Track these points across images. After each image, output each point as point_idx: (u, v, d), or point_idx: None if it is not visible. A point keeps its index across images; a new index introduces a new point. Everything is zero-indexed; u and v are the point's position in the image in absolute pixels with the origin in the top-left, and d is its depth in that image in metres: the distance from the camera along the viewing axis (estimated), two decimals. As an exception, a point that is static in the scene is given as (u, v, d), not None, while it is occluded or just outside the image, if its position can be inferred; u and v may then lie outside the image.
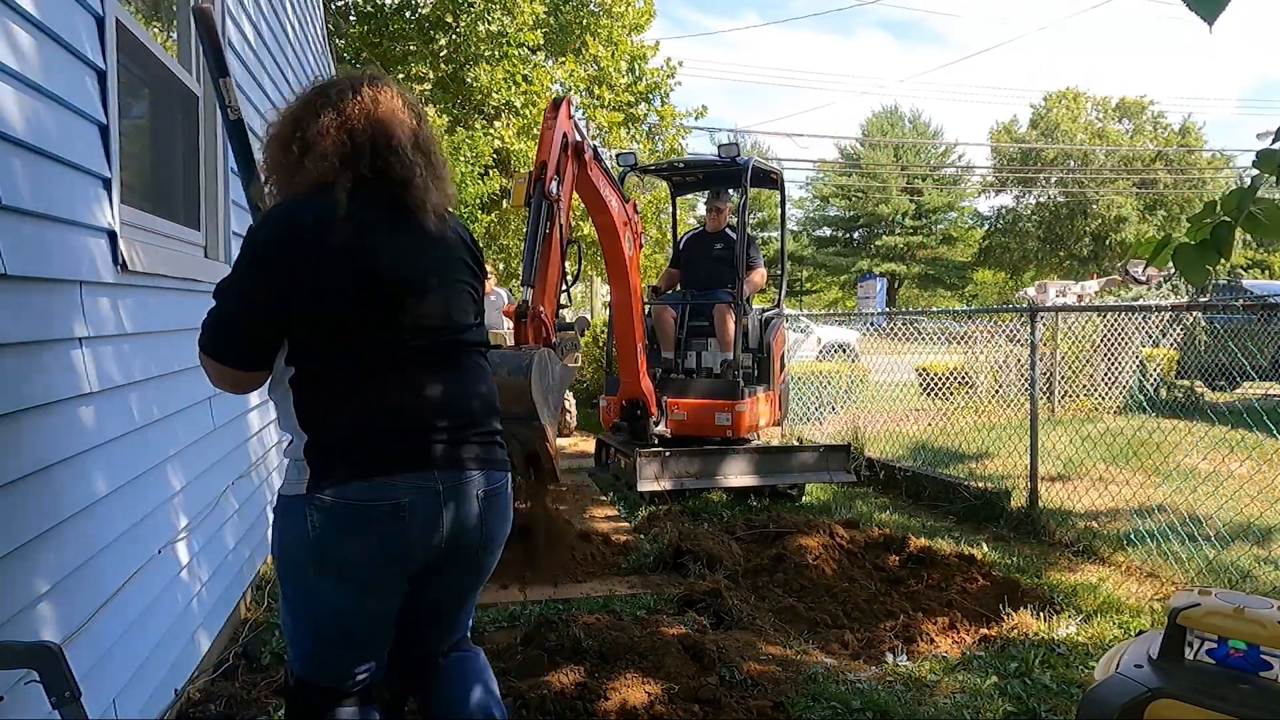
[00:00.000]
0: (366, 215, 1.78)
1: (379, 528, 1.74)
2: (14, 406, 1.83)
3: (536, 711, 2.89)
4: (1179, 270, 2.03)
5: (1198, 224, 2.01)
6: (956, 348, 10.74)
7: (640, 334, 6.28)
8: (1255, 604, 1.93)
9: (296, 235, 1.74)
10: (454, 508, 1.82)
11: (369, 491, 1.74)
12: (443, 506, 1.80)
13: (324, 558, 1.76)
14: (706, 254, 7.27)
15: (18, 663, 1.52)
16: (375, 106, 1.82)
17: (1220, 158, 43.05)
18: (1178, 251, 2.03)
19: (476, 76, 13.42)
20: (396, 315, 1.79)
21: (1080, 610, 4.03)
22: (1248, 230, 1.93)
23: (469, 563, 1.94)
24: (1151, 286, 12.86)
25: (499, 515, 1.95)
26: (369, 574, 1.79)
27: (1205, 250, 1.99)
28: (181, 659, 2.89)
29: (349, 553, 1.76)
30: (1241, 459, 6.45)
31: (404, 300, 1.80)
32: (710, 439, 6.59)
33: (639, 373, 6.30)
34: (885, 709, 3.03)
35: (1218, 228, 1.96)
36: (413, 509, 1.76)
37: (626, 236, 5.90)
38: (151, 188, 3.16)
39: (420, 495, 1.77)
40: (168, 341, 2.88)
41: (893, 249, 47.69)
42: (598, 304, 23.47)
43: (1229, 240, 1.94)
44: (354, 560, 1.77)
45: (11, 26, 1.87)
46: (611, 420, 6.83)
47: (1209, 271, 2.02)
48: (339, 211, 1.73)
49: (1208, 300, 10.08)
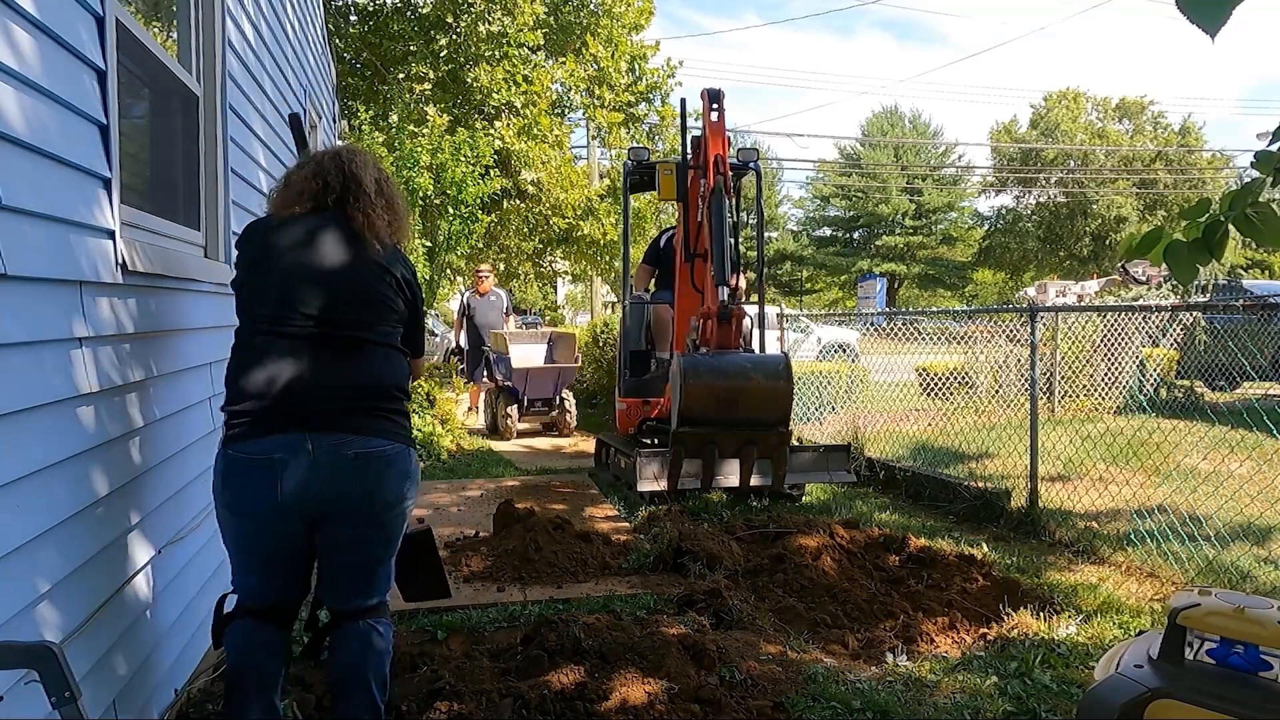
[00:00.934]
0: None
1: (259, 475, 2.25)
2: (14, 406, 1.83)
3: (536, 711, 2.89)
4: (1169, 267, 2.02)
5: (1191, 221, 1.99)
6: (956, 348, 10.73)
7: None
8: (1255, 604, 1.93)
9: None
10: (324, 464, 2.26)
11: (253, 447, 2.25)
12: (313, 462, 2.25)
13: (223, 496, 2.32)
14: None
15: (18, 663, 1.52)
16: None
17: (1220, 158, 43.05)
18: (1169, 248, 2.02)
19: (476, 76, 13.42)
20: (294, 306, 2.31)
21: (1080, 610, 4.03)
22: (1241, 232, 1.92)
23: (357, 514, 2.35)
24: (1151, 286, 12.86)
25: (376, 474, 2.34)
26: (252, 508, 2.29)
27: (1197, 249, 1.97)
28: (181, 659, 2.89)
29: (239, 493, 2.29)
30: (1241, 459, 6.45)
31: (302, 295, 2.32)
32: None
33: None
34: (885, 709, 3.03)
35: (1210, 227, 1.95)
36: (284, 463, 2.24)
37: None
38: (151, 188, 3.16)
39: (293, 453, 2.24)
40: (168, 342, 2.88)
41: (893, 249, 47.69)
42: (597, 304, 23.45)
43: (1221, 240, 1.92)
44: (241, 498, 2.29)
45: (11, 26, 1.87)
46: (633, 423, 6.80)
47: (1197, 270, 2.01)
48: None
49: (1208, 300, 10.08)
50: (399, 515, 2.48)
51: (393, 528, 2.47)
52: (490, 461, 8.40)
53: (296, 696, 2.91)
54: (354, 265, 2.42)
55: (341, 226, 2.44)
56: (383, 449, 2.36)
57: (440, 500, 6.54)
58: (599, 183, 16.83)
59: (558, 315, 33.91)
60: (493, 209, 13.96)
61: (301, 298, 2.34)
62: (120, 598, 2.37)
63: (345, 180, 2.47)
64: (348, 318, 2.38)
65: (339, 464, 2.28)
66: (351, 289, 2.40)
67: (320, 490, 2.28)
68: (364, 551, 2.44)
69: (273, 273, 2.38)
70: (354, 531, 2.39)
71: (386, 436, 2.38)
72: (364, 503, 2.34)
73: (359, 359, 2.39)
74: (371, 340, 2.42)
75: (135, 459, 2.55)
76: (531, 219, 15.04)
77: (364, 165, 2.55)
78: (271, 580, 2.42)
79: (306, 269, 2.38)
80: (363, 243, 2.44)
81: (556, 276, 24.61)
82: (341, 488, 2.30)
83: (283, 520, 2.31)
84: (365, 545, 2.43)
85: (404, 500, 2.47)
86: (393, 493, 2.41)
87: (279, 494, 2.25)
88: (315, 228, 2.43)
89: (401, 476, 2.43)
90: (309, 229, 2.42)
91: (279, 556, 2.39)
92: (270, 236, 2.44)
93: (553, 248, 16.55)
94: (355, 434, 2.31)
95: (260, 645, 2.43)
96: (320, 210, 2.45)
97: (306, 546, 2.41)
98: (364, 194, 2.47)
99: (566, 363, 10.36)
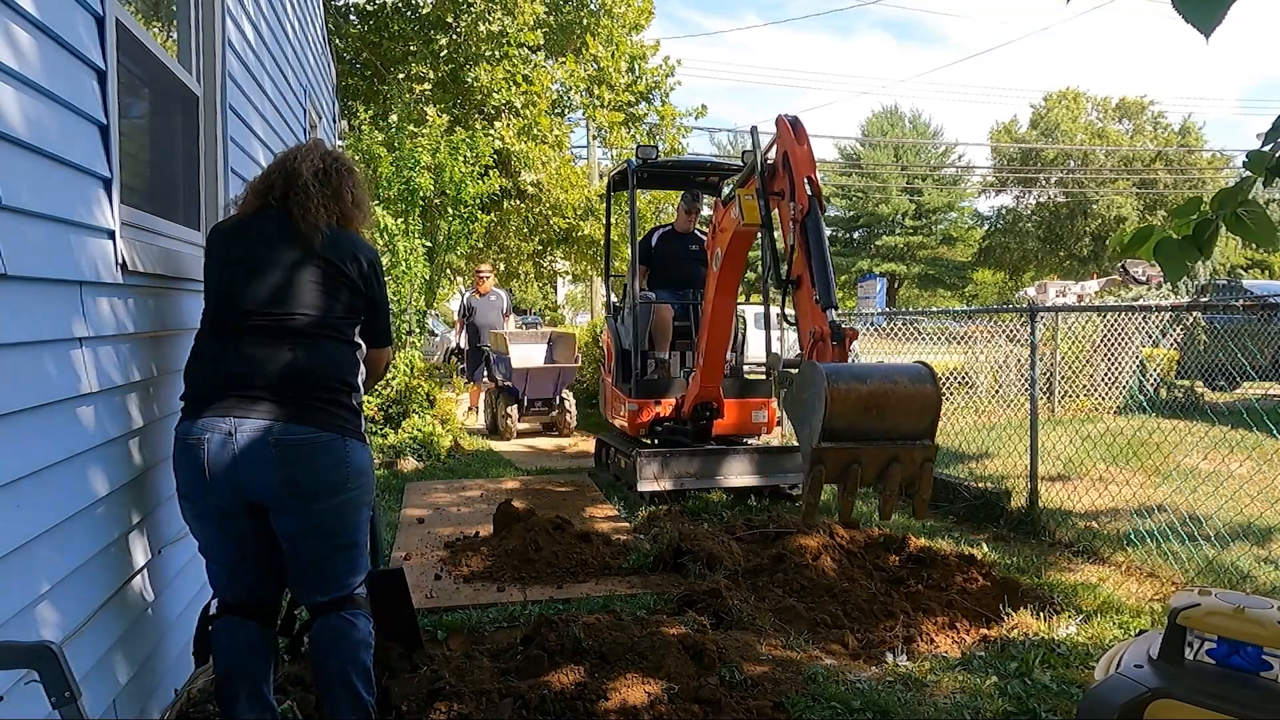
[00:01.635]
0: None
1: (190, 455, 2.33)
2: (14, 406, 1.83)
3: (536, 711, 2.89)
4: (1159, 264, 2.02)
5: (1182, 219, 2.00)
6: (956, 348, 10.73)
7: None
8: (1255, 604, 1.93)
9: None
10: (244, 448, 2.31)
11: (188, 428, 2.36)
12: (233, 445, 2.31)
13: (176, 478, 2.41)
14: (681, 254, 7.23)
15: (18, 663, 1.52)
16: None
17: (1220, 158, 43.02)
18: (1159, 245, 2.02)
19: (476, 76, 13.42)
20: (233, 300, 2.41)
21: (1080, 610, 4.03)
22: (1232, 231, 1.92)
23: (290, 505, 2.37)
24: (1151, 286, 12.86)
25: (300, 462, 2.35)
26: (189, 490, 2.39)
27: (1186, 246, 1.98)
28: (181, 659, 2.89)
29: (179, 473, 2.39)
30: (1241, 459, 6.45)
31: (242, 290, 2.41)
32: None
33: (720, 377, 6.41)
34: (885, 709, 3.03)
35: (1200, 225, 1.95)
36: (209, 444, 2.31)
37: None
38: (151, 188, 3.16)
39: (215, 434, 2.32)
40: (168, 342, 2.88)
41: (893, 249, 47.67)
42: (597, 304, 23.44)
43: (1211, 238, 1.93)
44: (181, 479, 2.39)
45: (11, 26, 1.87)
46: (643, 423, 6.82)
47: (1187, 267, 2.01)
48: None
49: (1208, 300, 10.07)
50: (339, 507, 2.43)
51: (335, 520, 2.44)
52: (490, 461, 8.40)
53: (296, 697, 2.91)
54: (290, 259, 2.45)
55: (282, 221, 2.49)
56: (308, 436, 2.36)
57: (440, 500, 6.54)
58: (599, 182, 16.82)
59: (558, 315, 33.89)
60: (493, 209, 13.95)
61: (241, 292, 2.41)
62: (120, 598, 2.37)
63: (286, 175, 2.53)
64: (283, 310, 2.42)
65: (260, 450, 2.31)
66: (286, 282, 2.44)
67: (244, 475, 2.32)
68: (311, 543, 2.45)
69: (216, 271, 2.49)
70: (295, 522, 2.40)
71: (314, 425, 2.38)
72: (291, 492, 2.35)
73: (292, 350, 2.41)
74: (308, 332, 2.44)
75: (135, 459, 2.55)
76: (531, 219, 15.03)
77: (304, 158, 2.57)
78: (238, 573, 2.48)
79: (244, 264, 2.45)
80: (302, 235, 2.47)
81: (556, 276, 24.60)
82: (264, 474, 2.32)
83: (218, 505, 2.36)
84: (310, 537, 2.44)
85: (342, 491, 2.42)
86: (324, 483, 2.39)
87: (205, 474, 2.31)
88: (257, 225, 2.51)
89: (336, 465, 2.40)
90: (251, 226, 2.51)
91: (232, 548, 2.44)
92: (220, 236, 2.56)
93: (553, 248, 16.54)
94: (278, 420, 2.34)
95: (244, 645, 2.47)
96: (264, 208, 2.53)
97: (261, 541, 2.44)
98: (301, 187, 2.49)
99: (566, 363, 10.36)
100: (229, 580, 2.48)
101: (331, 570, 2.49)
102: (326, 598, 2.48)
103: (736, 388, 6.75)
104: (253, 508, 2.39)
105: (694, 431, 6.64)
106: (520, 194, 14.39)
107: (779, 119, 4.71)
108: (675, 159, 9.11)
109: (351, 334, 2.57)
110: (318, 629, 2.49)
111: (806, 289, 4.32)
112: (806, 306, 4.33)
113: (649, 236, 7.48)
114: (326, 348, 2.47)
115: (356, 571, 2.56)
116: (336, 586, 2.50)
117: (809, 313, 4.30)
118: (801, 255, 4.37)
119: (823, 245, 4.32)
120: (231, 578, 2.48)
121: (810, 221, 4.35)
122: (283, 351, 2.40)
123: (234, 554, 2.45)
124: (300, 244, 2.47)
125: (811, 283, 4.27)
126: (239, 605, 2.48)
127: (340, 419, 2.45)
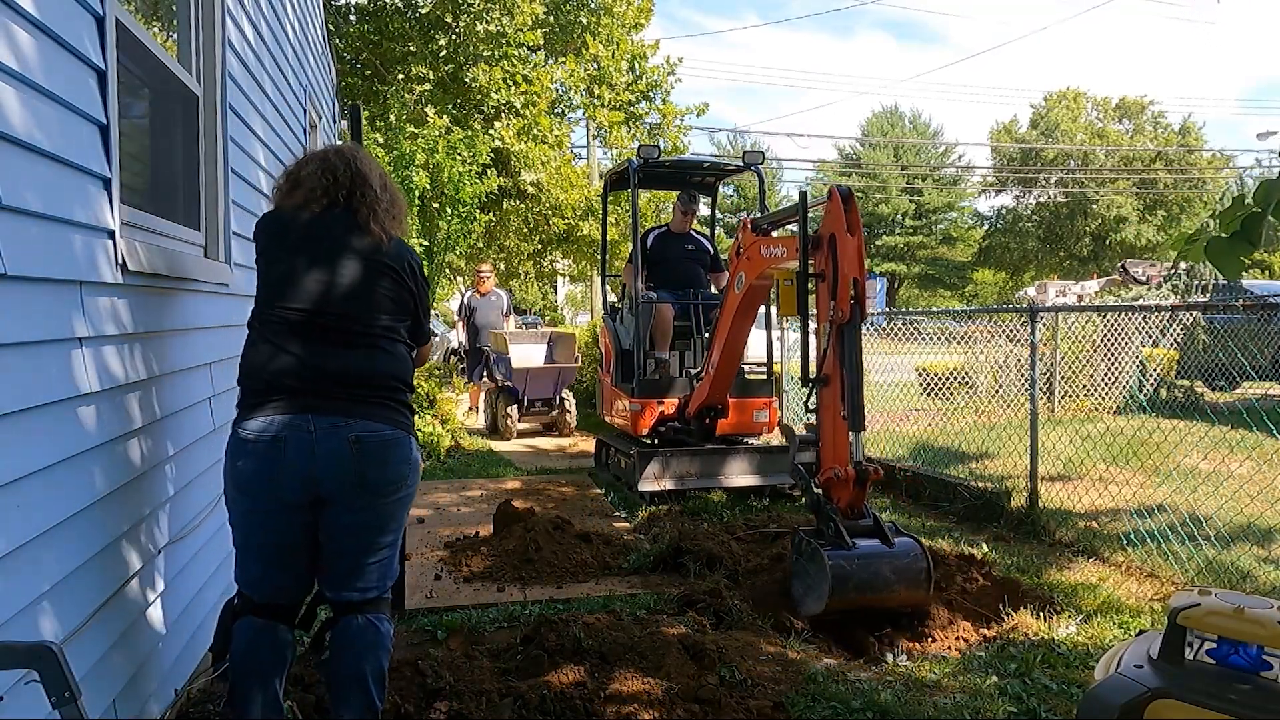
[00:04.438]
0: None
1: (263, 451, 2.35)
2: (14, 406, 1.82)
3: (536, 711, 2.89)
4: (1213, 264, 2.05)
5: (1228, 217, 2.02)
6: (956, 348, 10.74)
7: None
8: (1255, 604, 1.93)
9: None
10: (324, 444, 2.35)
11: (258, 426, 2.36)
12: (314, 442, 2.35)
13: (231, 473, 2.42)
14: (679, 254, 7.22)
15: (18, 663, 1.52)
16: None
17: (1220, 158, 43.00)
18: (1210, 245, 2.05)
19: (476, 76, 13.41)
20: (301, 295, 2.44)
21: (1080, 610, 4.03)
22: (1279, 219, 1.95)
23: (355, 498, 2.42)
24: (1151, 286, 12.87)
25: (373, 457, 2.42)
26: (257, 487, 2.39)
27: (1236, 242, 2.01)
28: (181, 659, 2.89)
29: (245, 470, 2.39)
30: (1241, 459, 6.45)
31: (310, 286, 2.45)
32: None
33: (728, 388, 6.41)
34: (885, 709, 3.03)
35: (1248, 219, 1.97)
36: (289, 441, 2.34)
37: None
38: (151, 188, 3.16)
39: (295, 432, 2.35)
40: (168, 341, 2.87)
41: (893, 249, 47.67)
42: (597, 304, 23.44)
43: (1259, 231, 1.95)
44: (247, 475, 2.39)
45: (11, 26, 1.87)
46: (648, 424, 6.82)
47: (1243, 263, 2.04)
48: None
49: (1208, 300, 10.07)
50: (398, 503, 2.53)
51: (391, 515, 2.52)
52: (490, 461, 8.40)
53: (296, 697, 2.91)
54: (359, 260, 2.52)
55: (350, 222, 2.55)
56: (380, 433, 2.44)
57: (440, 500, 6.55)
58: (599, 183, 16.82)
59: (558, 315, 33.88)
60: (492, 209, 13.95)
61: (309, 288, 2.46)
62: (120, 598, 2.37)
63: (353, 177, 2.58)
64: (350, 310, 2.48)
65: (338, 446, 2.37)
66: (355, 282, 2.50)
67: (318, 470, 2.36)
68: (362, 537, 2.48)
69: (284, 262, 2.51)
70: (353, 516, 2.45)
71: (384, 422, 2.46)
72: (361, 485, 2.41)
73: (358, 349, 2.48)
74: (372, 332, 2.51)
75: (135, 459, 2.55)
76: (531, 219, 15.03)
77: (369, 162, 2.69)
78: (274, 571, 2.49)
79: (315, 261, 2.49)
80: (370, 237, 2.55)
81: (556, 276, 24.59)
82: (339, 469, 2.38)
83: (283, 500, 2.39)
84: (363, 531, 2.48)
85: (403, 487, 2.52)
86: (391, 477, 2.47)
87: (279, 471, 2.35)
88: (326, 222, 2.54)
89: (400, 462, 2.49)
90: (320, 223, 2.54)
91: (282, 544, 2.46)
92: (281, 225, 2.58)
93: (553, 248, 16.54)
94: (352, 418, 2.40)
95: (265, 644, 2.48)
96: (332, 206, 2.56)
97: (309, 539, 2.46)
98: (371, 190, 2.58)
99: (566, 363, 10.36)
100: (262, 576, 2.49)
101: (372, 567, 2.53)
102: (361, 596, 2.51)
103: (737, 388, 6.75)
104: (315, 502, 2.42)
105: (698, 430, 6.65)
106: (520, 194, 14.39)
107: (831, 191, 4.30)
108: (674, 159, 9.11)
109: (406, 335, 2.65)
110: (342, 627, 2.51)
111: (835, 389, 4.14)
112: (830, 425, 4.14)
113: (644, 238, 7.47)
114: (392, 349, 2.56)
115: (390, 574, 2.61)
116: (373, 585, 2.54)
117: (831, 434, 4.13)
118: (834, 359, 4.16)
119: (857, 360, 4.09)
120: (266, 574, 2.49)
121: (849, 331, 4.09)
122: (352, 351, 2.47)
123: (280, 552, 2.47)
124: (368, 248, 2.54)
125: (841, 397, 4.08)
126: (266, 607, 2.49)
127: (405, 417, 2.55)
